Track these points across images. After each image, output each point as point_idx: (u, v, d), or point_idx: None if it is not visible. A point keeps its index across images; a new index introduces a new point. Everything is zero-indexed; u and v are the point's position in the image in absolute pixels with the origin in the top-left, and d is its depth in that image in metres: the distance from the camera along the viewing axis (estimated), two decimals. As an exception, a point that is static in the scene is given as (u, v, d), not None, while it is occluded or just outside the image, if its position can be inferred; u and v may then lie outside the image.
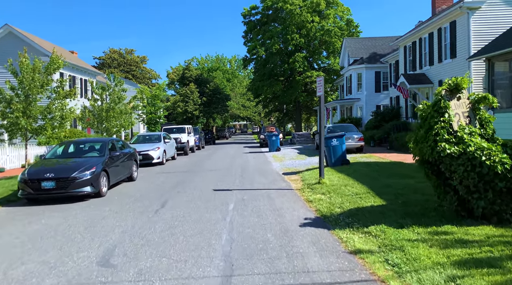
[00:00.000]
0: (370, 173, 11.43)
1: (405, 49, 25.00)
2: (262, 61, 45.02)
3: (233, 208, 8.32)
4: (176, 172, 15.51)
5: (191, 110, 43.00)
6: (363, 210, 7.24)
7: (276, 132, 26.51)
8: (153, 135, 20.33)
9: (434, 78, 21.15)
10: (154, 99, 29.94)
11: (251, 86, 48.84)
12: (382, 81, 32.68)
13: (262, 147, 30.98)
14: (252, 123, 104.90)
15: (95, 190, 10.11)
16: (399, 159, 15.75)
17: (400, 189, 8.81)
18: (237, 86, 75.80)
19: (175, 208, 8.67)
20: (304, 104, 49.01)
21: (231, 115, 78.70)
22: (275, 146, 24.81)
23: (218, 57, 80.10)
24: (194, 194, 10.24)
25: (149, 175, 14.94)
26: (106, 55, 70.48)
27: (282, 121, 58.80)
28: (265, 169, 15.52)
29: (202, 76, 48.32)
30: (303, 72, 42.84)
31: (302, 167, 15.06)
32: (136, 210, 8.65)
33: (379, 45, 34.77)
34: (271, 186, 11.19)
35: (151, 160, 18.08)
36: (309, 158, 18.41)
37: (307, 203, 8.57)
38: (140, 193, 10.80)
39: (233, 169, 15.71)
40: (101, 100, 21.04)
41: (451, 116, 6.19)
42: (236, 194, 10.04)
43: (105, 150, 11.40)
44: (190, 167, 17.41)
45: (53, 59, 14.74)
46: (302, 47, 44.17)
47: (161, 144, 19.04)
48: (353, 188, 9.38)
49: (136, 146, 18.54)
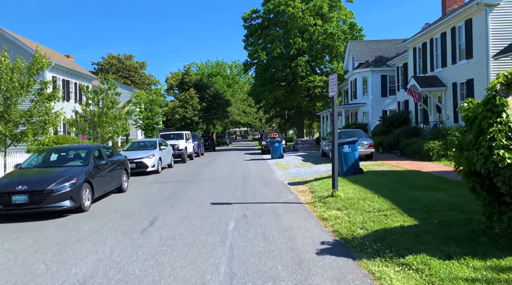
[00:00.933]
0: (389, 184, 10.11)
1: (414, 51, 23.80)
2: (263, 66, 43.89)
3: (234, 228, 7.00)
4: (172, 182, 14.20)
5: (190, 116, 41.76)
6: (392, 232, 5.93)
7: (279, 138, 25.23)
8: (148, 142, 19.04)
9: (447, 81, 19.90)
10: (151, 104, 28.71)
11: (252, 91, 47.67)
12: (388, 85, 31.45)
13: (264, 154, 29.69)
14: (253, 129, 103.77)
15: (75, 204, 8.80)
16: (414, 167, 14.44)
17: (431, 204, 7.48)
18: (237, 91, 74.78)
19: (166, 227, 7.36)
20: (307, 109, 47.81)
21: (231, 121, 77.57)
22: (278, 153, 23.52)
23: (218, 63, 79.17)
24: (189, 209, 8.93)
25: (141, 185, 13.62)
26: (104, 60, 69.53)
27: (284, 127, 57.56)
28: (268, 178, 14.21)
29: (201, 81, 47.17)
30: (306, 77, 41.68)
31: (309, 176, 13.75)
32: (120, 229, 7.34)
33: (385, 48, 33.61)
34: (276, 199, 9.88)
35: (145, 168, 16.79)
36: (316, 166, 17.10)
37: (321, 221, 7.25)
38: (128, 208, 9.49)
39: (233, 179, 14.40)
40: (94, 104, 19.80)
41: (510, 116, 4.89)
42: (237, 209, 8.73)
43: (90, 159, 10.10)
44: (187, 176, 16.10)
45: (36, 58, 13.49)
46: (305, 51, 43.05)
47: (156, 151, 17.76)
48: (373, 202, 8.06)
49: (130, 154, 17.29)
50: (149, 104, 28.84)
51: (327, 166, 16.81)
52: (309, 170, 15.90)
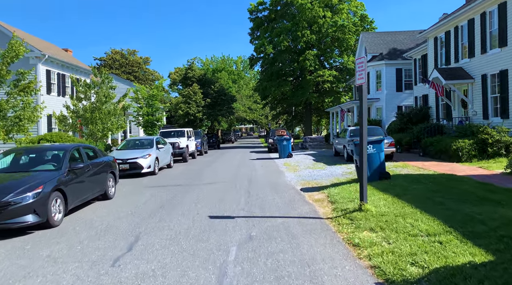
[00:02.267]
0: (428, 194, 8.27)
1: (435, 41, 21.80)
2: (269, 60, 42.02)
3: (236, 259, 5.24)
4: (168, 186, 12.46)
5: (194, 112, 40.00)
6: (462, 274, 4.12)
7: (287, 136, 23.37)
8: (144, 140, 17.32)
9: (475, 72, 17.94)
10: (151, 100, 26.99)
11: (258, 86, 45.81)
12: (404, 79, 29.45)
13: (270, 152, 27.89)
14: (259, 126, 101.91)
15: (40, 219, 7.10)
16: (445, 170, 12.58)
17: (498, 227, 5.64)
18: (243, 87, 72.97)
19: (147, 253, 5.63)
20: (315, 105, 45.89)
21: (237, 118, 75.81)
22: (287, 152, 21.71)
23: (223, 58, 77.38)
24: (180, 226, 7.19)
25: (132, 191, 11.91)
26: (107, 56, 68.04)
27: (291, 124, 55.67)
28: (277, 182, 12.43)
29: (205, 77, 45.34)
30: (314, 71, 39.75)
31: (324, 180, 11.95)
32: (87, 256, 5.62)
33: (400, 40, 31.60)
34: (289, 210, 8.10)
35: (140, 169, 15.09)
36: (330, 168, 15.27)
37: (351, 248, 5.47)
38: (108, 221, 7.77)
39: (237, 182, 12.63)
40: (86, 99, 18.12)
41: None
42: (241, 225, 6.98)
43: (64, 162, 8.38)
44: (186, 178, 14.37)
45: (11, 45, 11.79)
46: (313, 44, 41.10)
47: (152, 150, 16.05)
48: (416, 221, 6.25)
49: (123, 153, 15.62)
50: (150, 99, 27.11)
51: (343, 167, 14.98)
52: (323, 172, 14.09)
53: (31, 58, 23.18)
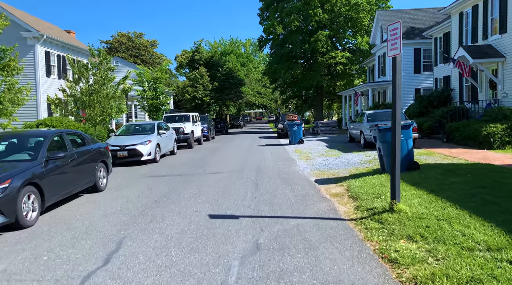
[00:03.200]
0: (471, 190, 6.90)
1: (460, 17, 20.01)
2: (279, 41, 40.28)
3: (237, 280, 4.02)
4: (167, 176, 11.30)
5: (201, 96, 38.69)
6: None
7: (298, 120, 21.99)
8: (145, 125, 16.13)
9: (506, 50, 16.27)
10: (155, 83, 25.72)
11: (267, 69, 44.20)
12: (422, 60, 27.70)
13: (280, 138, 26.59)
14: (268, 111, 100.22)
15: (7, 219, 5.97)
16: (477, 158, 11.17)
17: None
18: (252, 71, 71.18)
19: (126, 269, 4.45)
20: (327, 89, 44.18)
21: (245, 103, 74.33)
22: (298, 137, 20.39)
23: (232, 41, 75.49)
24: (174, 228, 6.00)
25: (127, 181, 10.76)
26: (114, 39, 66.70)
27: (301, 108, 54.04)
28: (288, 171, 11.17)
29: (213, 59, 43.81)
30: (326, 53, 37.97)
31: (341, 170, 10.65)
32: (51, 272, 4.47)
33: (418, 18, 29.66)
34: (304, 208, 6.86)
35: (139, 157, 13.94)
36: (346, 156, 13.93)
37: (388, 266, 4.20)
38: (90, 222, 6.62)
39: (244, 172, 11.41)
40: (83, 81, 16.94)
41: None
42: (246, 229, 5.76)
43: (41, 151, 7.21)
44: (188, 167, 13.19)
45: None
46: (325, 24, 39.16)
47: (153, 136, 14.86)
48: (468, 228, 4.94)
49: (122, 139, 14.49)
50: (154, 82, 25.85)
51: (360, 155, 13.63)
52: (338, 160, 12.77)
53: (28, 39, 22.03)
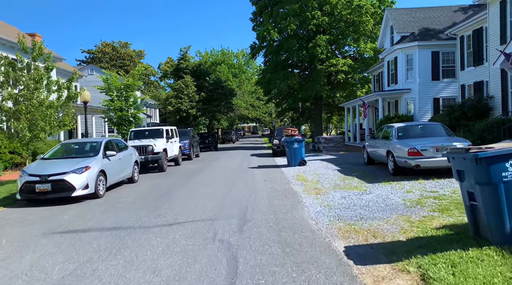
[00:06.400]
0: None
1: (502, 6, 15.95)
2: (274, 48, 36.24)
3: None
4: (89, 232, 6.79)
5: (186, 108, 34.33)
6: None
7: (299, 136, 17.59)
8: (87, 144, 11.63)
9: None
10: (126, 91, 21.38)
11: (261, 79, 40.05)
12: (441, 64, 23.67)
13: (276, 156, 22.25)
14: (262, 124, 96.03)
15: None
16: None
17: None
18: (244, 82, 67.16)
19: None
20: (326, 101, 40.00)
21: (238, 117, 70.12)
22: (298, 158, 16.04)
23: (223, 52, 71.58)
24: None
25: (14, 243, 6.23)
26: (97, 48, 62.59)
27: (298, 121, 49.73)
28: (292, 223, 6.73)
29: (200, 68, 39.57)
30: (326, 60, 33.92)
31: (382, 223, 6.26)
32: None
33: (433, 17, 25.79)
34: None
35: (69, 191, 9.42)
36: (373, 188, 9.53)
37: None
38: None
39: (221, 223, 6.95)
40: (14, 83, 12.51)
41: None
42: None
43: None
44: (138, 208, 8.70)
45: None
46: (325, 29, 35.27)
47: (95, 160, 10.37)
48: None
49: (47, 165, 9.98)
50: (124, 90, 21.48)
51: (396, 188, 9.23)
52: (367, 199, 8.36)
53: None
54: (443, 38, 23.37)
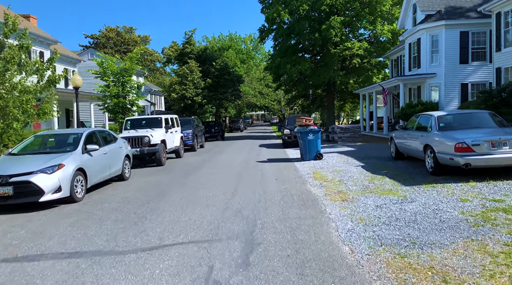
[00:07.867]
0: None
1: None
2: (284, 31, 33.99)
3: None
4: (43, 259, 5.00)
5: (191, 95, 32.44)
6: None
7: (314, 125, 15.58)
8: (65, 136, 9.83)
9: None
10: (123, 76, 19.53)
11: (270, 64, 37.86)
12: (470, 46, 21.36)
13: (287, 147, 20.36)
14: (271, 113, 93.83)
15: None
16: None
17: None
18: (253, 69, 64.88)
19: None
20: (339, 87, 37.74)
21: (247, 104, 68.11)
22: (314, 151, 14.10)
23: (231, 36, 69.11)
24: None
25: None
26: (101, 33, 60.70)
27: (308, 109, 47.51)
28: (322, 258, 4.86)
29: (206, 52, 37.50)
30: (340, 43, 31.60)
31: (446, 254, 4.36)
32: None
33: (462, -6, 23.33)
34: None
35: (36, 196, 7.64)
36: (413, 194, 7.60)
37: None
38: None
39: (219, 249, 5.12)
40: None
41: None
42: None
43: None
44: (116, 221, 6.89)
45: None
46: (339, 10, 32.88)
47: (72, 156, 8.55)
48: None
49: (11, 163, 8.19)
50: (121, 75, 19.63)
51: (444, 193, 7.26)
52: (411, 209, 6.45)
53: None
54: (473, 16, 21.07)
